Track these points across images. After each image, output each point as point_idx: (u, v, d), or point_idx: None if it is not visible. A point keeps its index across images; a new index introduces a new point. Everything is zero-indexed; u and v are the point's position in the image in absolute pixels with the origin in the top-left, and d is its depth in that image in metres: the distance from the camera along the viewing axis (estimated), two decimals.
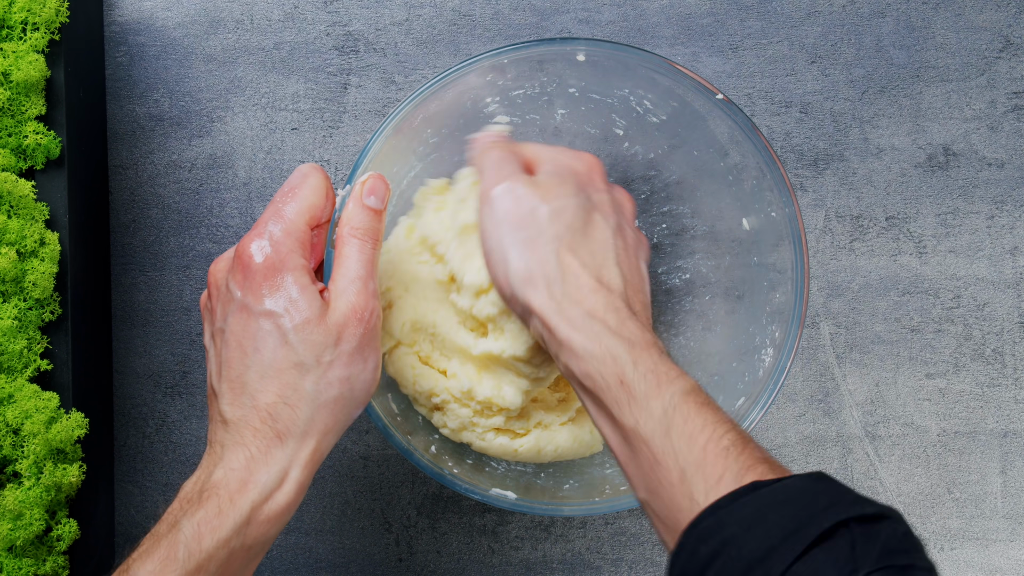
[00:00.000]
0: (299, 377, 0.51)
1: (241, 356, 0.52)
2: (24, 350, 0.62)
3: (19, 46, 0.64)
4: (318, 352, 0.51)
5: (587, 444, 0.65)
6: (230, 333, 0.52)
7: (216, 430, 0.52)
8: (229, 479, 0.50)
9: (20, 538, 0.61)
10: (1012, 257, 0.73)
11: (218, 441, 0.52)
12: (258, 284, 0.52)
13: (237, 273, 0.52)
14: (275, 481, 0.50)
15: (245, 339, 0.52)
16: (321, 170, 0.55)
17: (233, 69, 0.73)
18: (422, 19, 0.73)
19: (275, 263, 0.52)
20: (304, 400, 0.51)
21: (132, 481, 0.72)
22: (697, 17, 0.73)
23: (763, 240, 0.63)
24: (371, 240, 0.55)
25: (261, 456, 0.50)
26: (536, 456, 0.64)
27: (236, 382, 0.52)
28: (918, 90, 0.73)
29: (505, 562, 0.72)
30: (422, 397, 0.63)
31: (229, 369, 0.52)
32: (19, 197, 0.63)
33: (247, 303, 0.52)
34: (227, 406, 0.52)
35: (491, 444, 0.63)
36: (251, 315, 0.52)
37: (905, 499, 0.72)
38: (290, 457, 0.51)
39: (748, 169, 0.63)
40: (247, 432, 0.51)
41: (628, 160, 0.69)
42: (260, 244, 0.52)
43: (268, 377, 0.51)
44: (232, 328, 0.52)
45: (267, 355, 0.51)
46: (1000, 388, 0.73)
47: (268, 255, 0.52)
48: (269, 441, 0.51)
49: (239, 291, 0.52)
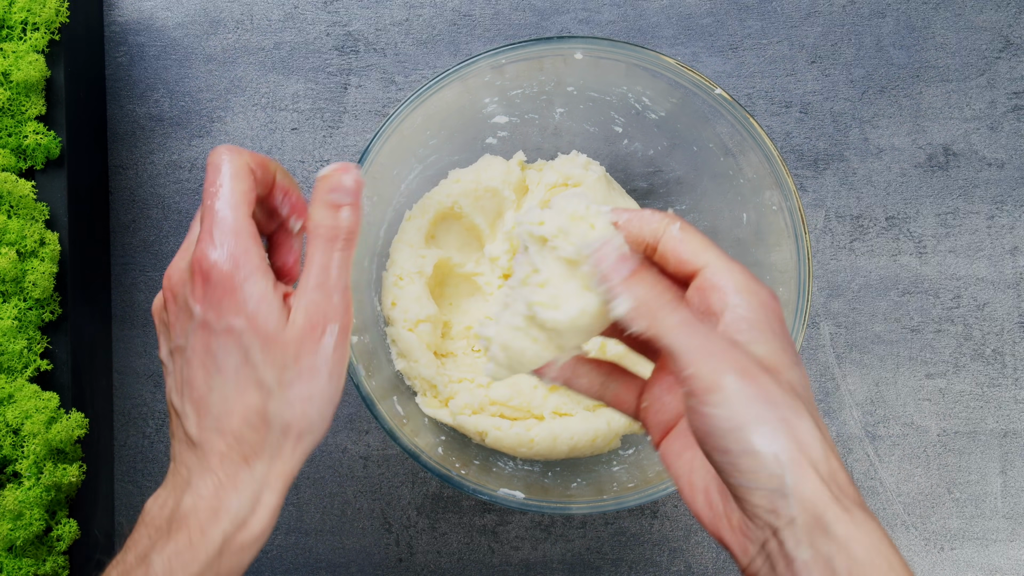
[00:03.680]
0: (262, 398, 0.48)
1: (204, 376, 0.49)
2: (24, 350, 0.62)
3: (19, 46, 0.64)
4: (278, 370, 0.48)
5: (604, 436, 0.65)
6: (192, 352, 0.49)
7: (181, 450, 0.50)
8: (199, 507, 0.48)
9: (20, 538, 0.61)
10: (1012, 257, 0.73)
11: (184, 463, 0.50)
12: (218, 298, 0.48)
13: (196, 287, 0.49)
14: (247, 508, 0.48)
15: (207, 359, 0.49)
16: (230, 149, 0.50)
17: (233, 69, 0.73)
18: (422, 19, 0.73)
19: (231, 272, 0.48)
20: (269, 422, 0.49)
21: (132, 481, 0.72)
22: (697, 17, 0.73)
23: (764, 240, 0.63)
24: (339, 240, 0.50)
25: (230, 482, 0.48)
26: (551, 448, 0.64)
27: (200, 403, 0.49)
28: (918, 90, 0.73)
29: (505, 562, 0.72)
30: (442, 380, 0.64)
31: (191, 389, 0.49)
32: (19, 197, 0.63)
33: (207, 320, 0.48)
34: (192, 427, 0.49)
35: (506, 434, 0.63)
36: (212, 333, 0.48)
37: (905, 499, 0.72)
38: (260, 481, 0.49)
39: (748, 165, 0.63)
40: (214, 457, 0.49)
41: (628, 157, 0.69)
42: (215, 253, 0.48)
43: (231, 399, 0.49)
44: (193, 346, 0.49)
45: (230, 375, 0.48)
46: (1000, 388, 0.73)
47: (223, 263, 0.48)
48: (237, 466, 0.49)
49: (199, 306, 0.49)
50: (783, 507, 0.44)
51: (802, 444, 0.45)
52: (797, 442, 0.45)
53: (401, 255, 0.66)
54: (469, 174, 0.68)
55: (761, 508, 0.44)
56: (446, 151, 0.68)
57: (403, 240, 0.67)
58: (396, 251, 0.67)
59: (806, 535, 0.44)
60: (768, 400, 0.45)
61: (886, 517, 0.72)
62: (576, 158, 0.68)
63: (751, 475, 0.44)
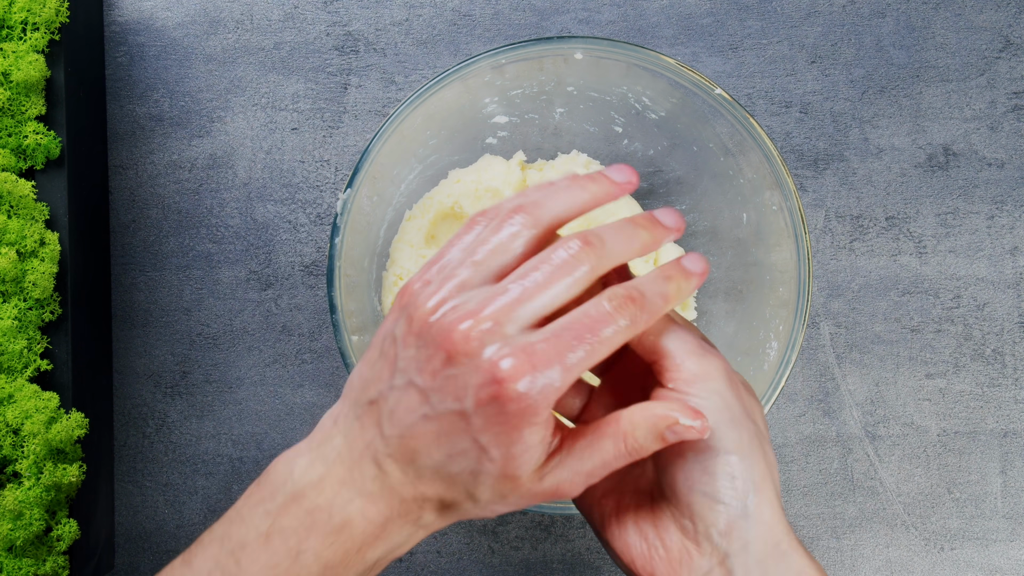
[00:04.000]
0: (465, 502, 0.46)
1: (424, 440, 0.44)
2: (24, 350, 0.63)
3: (19, 46, 0.64)
4: (497, 496, 0.45)
5: None
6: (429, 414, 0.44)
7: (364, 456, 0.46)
8: (367, 532, 0.46)
9: (20, 538, 0.61)
10: (1012, 257, 0.73)
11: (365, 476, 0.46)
12: (494, 423, 0.43)
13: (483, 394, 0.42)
14: (401, 544, 0.47)
15: (441, 435, 0.44)
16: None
17: (233, 69, 0.73)
18: (422, 19, 0.73)
19: (528, 412, 0.42)
20: (454, 516, 0.47)
21: (132, 481, 0.72)
22: (697, 17, 0.73)
23: (764, 240, 0.63)
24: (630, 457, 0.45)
25: (399, 520, 0.46)
26: None
27: (405, 448, 0.45)
28: (918, 90, 0.73)
29: (505, 562, 0.72)
30: None
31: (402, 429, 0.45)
32: (19, 197, 0.63)
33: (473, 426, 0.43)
34: (385, 457, 0.45)
35: None
36: (466, 436, 0.44)
37: (905, 499, 0.72)
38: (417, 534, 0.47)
39: (748, 165, 0.63)
40: (395, 499, 0.46)
41: (627, 157, 0.69)
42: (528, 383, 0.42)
43: (439, 481, 0.45)
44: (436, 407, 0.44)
45: (454, 469, 0.44)
46: (1000, 388, 0.73)
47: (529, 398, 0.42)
48: (414, 521, 0.46)
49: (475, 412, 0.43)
50: (741, 528, 0.44)
51: (769, 463, 0.45)
52: (766, 461, 0.45)
53: (402, 255, 0.66)
54: (469, 174, 0.68)
55: (715, 529, 0.45)
56: (446, 151, 0.68)
57: (403, 240, 0.67)
58: (396, 251, 0.67)
59: (758, 564, 0.44)
60: (747, 414, 0.45)
61: (886, 517, 0.72)
62: (577, 157, 0.68)
63: (720, 483, 0.44)
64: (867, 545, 0.72)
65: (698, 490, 0.44)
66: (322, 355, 0.72)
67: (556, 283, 0.44)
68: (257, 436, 0.72)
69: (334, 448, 0.46)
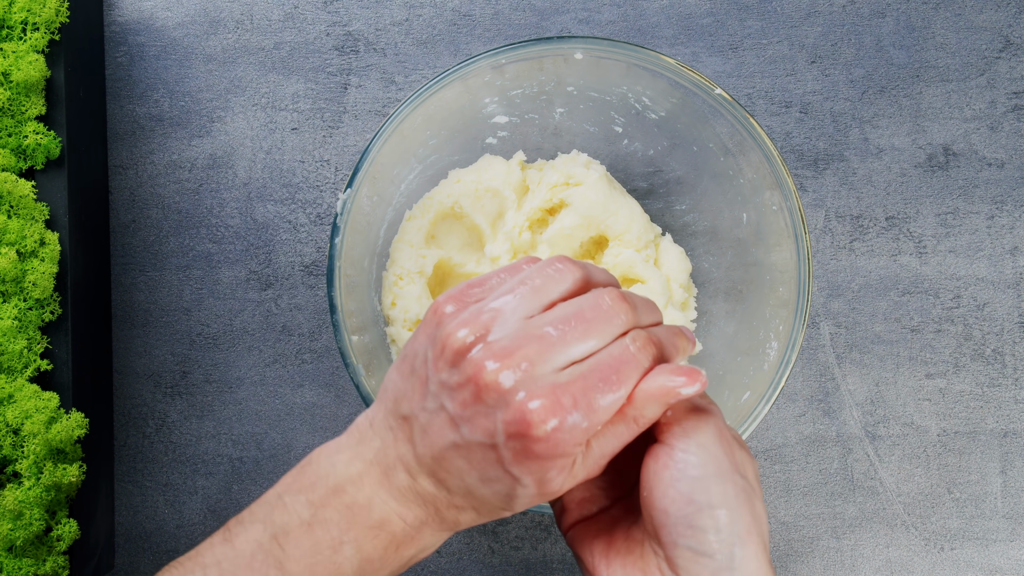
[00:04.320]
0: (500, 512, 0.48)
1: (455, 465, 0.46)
2: (24, 350, 0.63)
3: (19, 46, 0.64)
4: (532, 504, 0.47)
5: None
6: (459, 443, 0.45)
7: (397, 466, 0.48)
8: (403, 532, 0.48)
9: (20, 538, 0.61)
10: (1012, 257, 0.73)
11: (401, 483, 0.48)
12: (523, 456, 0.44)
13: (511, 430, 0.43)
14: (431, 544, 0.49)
15: (472, 463, 0.46)
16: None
17: (233, 69, 0.73)
18: (422, 19, 0.73)
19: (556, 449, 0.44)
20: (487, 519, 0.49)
21: (132, 481, 0.72)
22: (697, 17, 0.73)
23: (764, 240, 0.63)
24: None
25: (433, 524, 0.48)
26: None
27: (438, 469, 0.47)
28: (918, 90, 0.73)
29: (505, 562, 0.72)
30: None
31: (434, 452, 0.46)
32: (19, 197, 0.63)
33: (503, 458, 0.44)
34: (418, 472, 0.47)
35: None
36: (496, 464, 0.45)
37: (905, 499, 0.72)
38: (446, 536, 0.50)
39: (748, 165, 0.63)
40: (429, 507, 0.48)
41: (628, 157, 0.69)
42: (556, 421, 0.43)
43: (472, 498, 0.47)
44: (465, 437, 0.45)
45: (486, 492, 0.46)
46: (1000, 388, 0.73)
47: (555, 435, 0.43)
48: (448, 527, 0.49)
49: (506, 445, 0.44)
50: None
51: (757, 517, 0.46)
52: (753, 515, 0.46)
53: (401, 255, 0.66)
54: (470, 174, 0.68)
55: None
56: (446, 151, 0.68)
57: (403, 240, 0.67)
58: (396, 251, 0.67)
59: None
60: (736, 468, 0.46)
61: (886, 517, 0.72)
62: (577, 157, 0.68)
63: (706, 537, 0.45)
64: (867, 545, 0.72)
65: (683, 544, 0.45)
66: (322, 355, 0.72)
67: (594, 335, 0.45)
68: (257, 436, 0.72)
69: (372, 449, 0.48)
